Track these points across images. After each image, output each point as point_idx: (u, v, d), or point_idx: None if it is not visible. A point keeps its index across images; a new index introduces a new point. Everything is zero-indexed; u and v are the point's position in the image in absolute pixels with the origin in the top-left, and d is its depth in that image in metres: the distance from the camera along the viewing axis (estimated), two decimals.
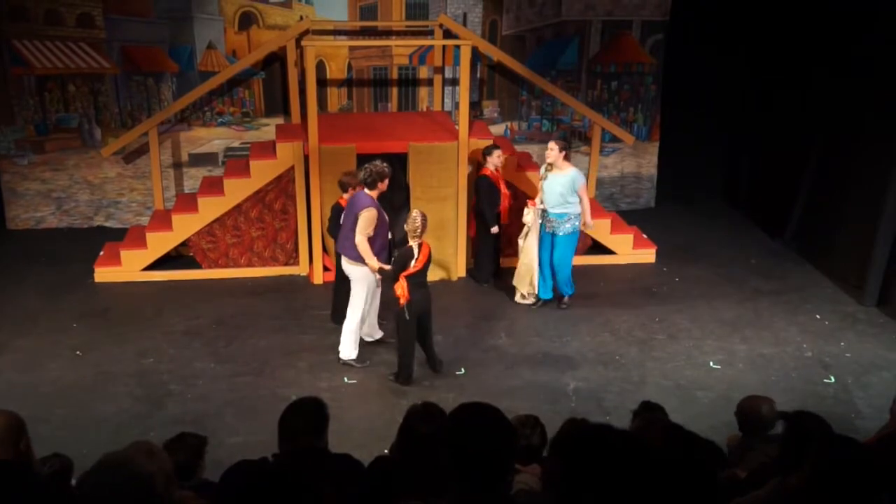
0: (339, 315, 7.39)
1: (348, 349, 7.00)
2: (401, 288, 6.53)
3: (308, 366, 7.06)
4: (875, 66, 8.14)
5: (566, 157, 7.69)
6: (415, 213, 6.56)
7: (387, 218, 6.99)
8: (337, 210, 7.41)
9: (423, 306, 6.60)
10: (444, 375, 6.95)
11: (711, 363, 7.22)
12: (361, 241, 6.64)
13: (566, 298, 8.10)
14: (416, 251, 6.47)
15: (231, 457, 3.57)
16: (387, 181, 6.99)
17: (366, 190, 6.93)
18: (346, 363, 7.01)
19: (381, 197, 7.08)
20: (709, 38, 9.98)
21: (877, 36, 8.12)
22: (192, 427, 6.03)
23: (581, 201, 7.72)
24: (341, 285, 7.29)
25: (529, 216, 7.85)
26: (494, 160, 8.15)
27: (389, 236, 7.09)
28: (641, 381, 6.94)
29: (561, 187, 7.65)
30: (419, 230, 6.45)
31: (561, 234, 7.83)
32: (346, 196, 7.39)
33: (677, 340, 7.60)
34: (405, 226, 6.55)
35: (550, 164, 7.70)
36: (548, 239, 7.93)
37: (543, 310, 8.09)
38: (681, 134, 10.24)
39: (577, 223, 7.83)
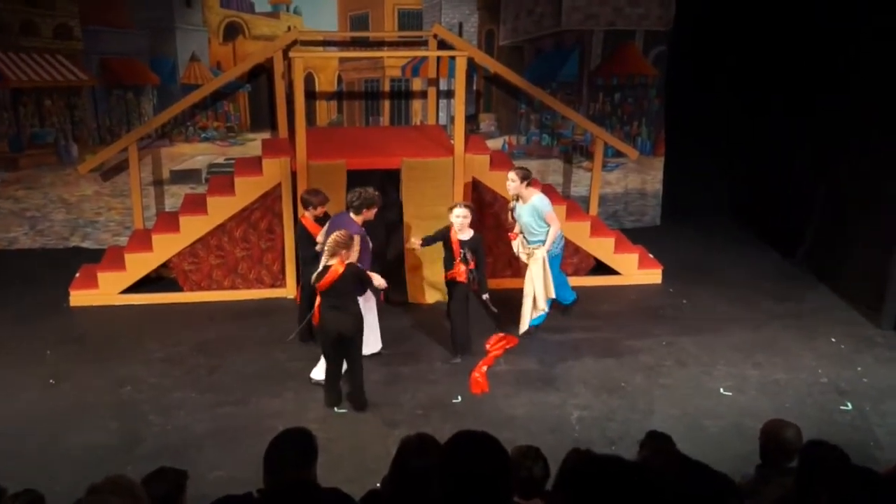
0: (302, 334, 7.56)
1: (320, 369, 7.05)
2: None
3: (295, 395, 7.04)
4: (892, 77, 8.19)
5: (529, 185, 7.63)
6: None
7: (370, 244, 7.05)
8: (303, 230, 7.45)
9: (334, 328, 6.51)
10: (439, 404, 6.95)
11: (722, 390, 7.22)
12: None
13: (531, 327, 7.90)
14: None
15: (214, 492, 3.56)
16: (374, 211, 7.07)
17: (351, 214, 6.93)
18: (317, 383, 7.04)
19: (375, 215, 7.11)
20: (714, 48, 10.05)
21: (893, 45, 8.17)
22: (173, 461, 5.98)
23: (551, 230, 7.61)
24: (307, 305, 7.37)
25: (521, 255, 7.81)
26: (451, 218, 7.40)
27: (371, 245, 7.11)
28: (648, 410, 6.93)
29: (528, 216, 7.63)
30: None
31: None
32: (308, 214, 7.44)
33: (685, 366, 7.60)
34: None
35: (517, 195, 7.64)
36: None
37: (544, 334, 8.07)
38: (687, 148, 10.28)
39: (557, 244, 7.79)
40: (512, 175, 7.61)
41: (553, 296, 7.81)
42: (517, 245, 7.86)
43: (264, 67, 9.37)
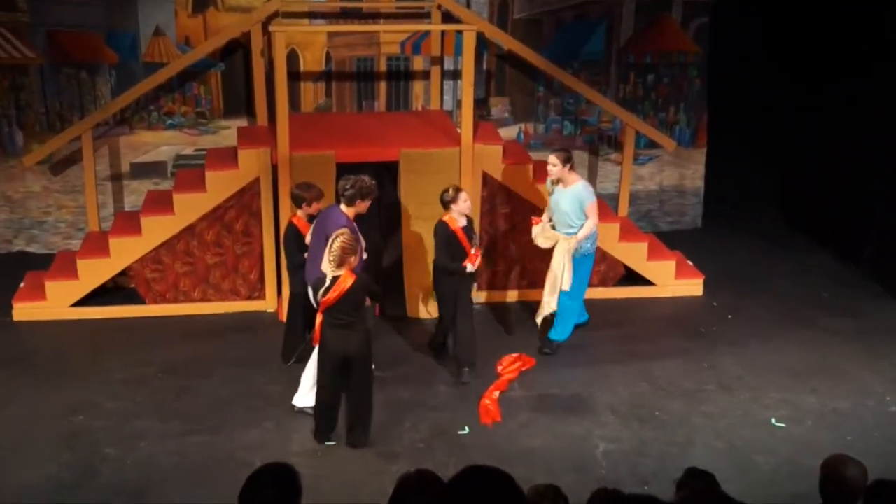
0: (289, 352, 7.63)
1: (304, 395, 7.07)
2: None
3: (276, 424, 7.02)
4: None
5: (572, 169, 7.81)
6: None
7: (363, 243, 7.04)
8: (293, 231, 7.47)
9: (340, 349, 6.50)
10: (443, 435, 6.92)
11: (773, 420, 7.21)
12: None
13: (554, 344, 8.06)
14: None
15: None
16: (368, 203, 7.08)
17: (342, 206, 6.93)
18: (301, 411, 7.06)
19: (368, 214, 7.09)
20: (765, 20, 10.03)
21: None
22: (133, 499, 6.01)
23: (586, 223, 7.77)
24: (294, 321, 7.46)
25: (539, 238, 7.91)
26: (461, 206, 7.59)
27: (365, 255, 7.10)
28: (687, 443, 6.91)
29: (567, 205, 7.76)
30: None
31: (573, 256, 7.90)
32: (300, 213, 7.45)
33: (731, 392, 7.59)
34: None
35: (559, 179, 7.84)
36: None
37: (566, 353, 8.08)
38: (733, 137, 10.25)
39: (591, 244, 7.91)
40: (553, 158, 7.77)
41: (567, 288, 7.81)
42: (538, 230, 7.88)
43: (240, 43, 9.38)
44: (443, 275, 7.58)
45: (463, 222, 7.59)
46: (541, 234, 7.90)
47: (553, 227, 7.90)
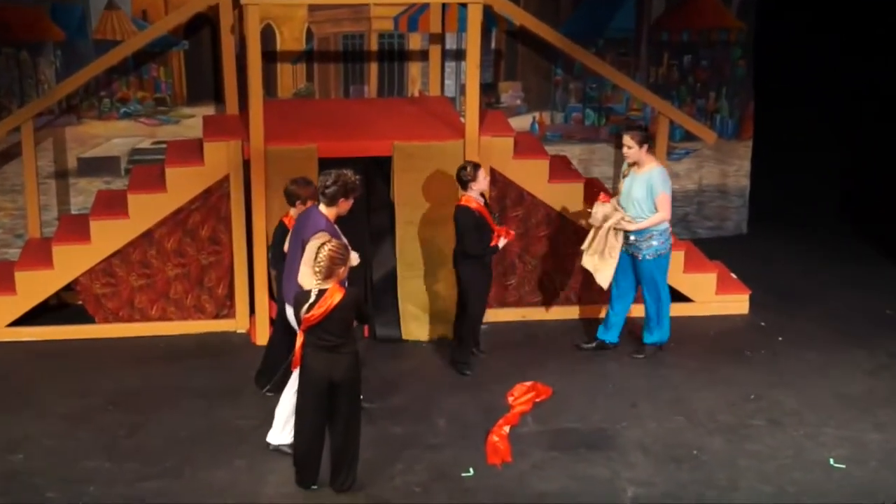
0: (267, 377, 7.63)
1: (280, 431, 7.06)
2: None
3: (248, 464, 7.00)
4: None
5: (650, 150, 8.13)
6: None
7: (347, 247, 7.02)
8: (282, 233, 7.48)
9: (325, 375, 6.49)
10: (443, 478, 6.89)
11: (832, 461, 7.18)
12: (307, 276, 6.60)
13: (648, 347, 8.43)
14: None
15: None
16: (351, 201, 7.06)
17: (321, 206, 6.97)
18: (276, 449, 7.06)
19: (353, 218, 7.10)
20: None
21: None
22: None
23: (654, 215, 8.05)
24: (282, 338, 7.38)
25: (599, 213, 8.10)
26: (481, 184, 8.04)
27: (357, 260, 6.99)
28: (731, 486, 6.88)
29: (639, 191, 8.03)
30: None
31: (643, 256, 8.14)
32: (293, 213, 7.47)
33: (782, 428, 7.58)
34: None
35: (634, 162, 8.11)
36: (626, 262, 8.24)
37: (587, 380, 8.12)
38: (783, 129, 10.30)
39: (663, 241, 8.14)
40: (627, 138, 8.08)
41: (605, 285, 8.18)
42: (602, 210, 8.07)
43: (207, 18, 9.43)
44: (475, 266, 7.94)
45: (481, 200, 7.97)
46: (602, 213, 8.09)
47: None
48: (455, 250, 8.11)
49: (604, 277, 8.23)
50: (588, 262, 8.28)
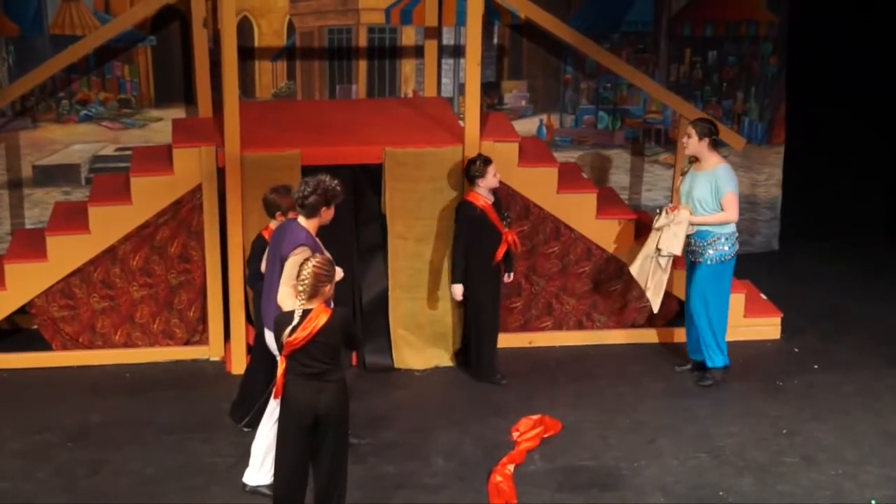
0: (243, 410, 7.61)
1: (257, 470, 7.03)
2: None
3: None
4: None
5: (713, 147, 8.16)
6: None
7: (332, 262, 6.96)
8: (260, 247, 7.46)
9: (310, 407, 6.38)
10: None
11: (873, 503, 7.07)
12: (287, 297, 6.56)
13: (714, 372, 8.42)
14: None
15: None
16: (332, 211, 6.97)
17: (300, 219, 6.88)
18: (254, 490, 7.01)
19: (339, 233, 7.01)
20: None
21: None
22: None
23: (719, 213, 8.16)
24: (261, 366, 7.35)
25: (661, 219, 8.18)
26: (489, 181, 8.13)
27: (341, 274, 6.93)
28: None
29: (701, 191, 8.13)
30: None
31: (702, 261, 8.21)
32: (273, 225, 7.42)
33: (818, 466, 7.51)
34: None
35: (695, 157, 8.24)
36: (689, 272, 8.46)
37: (601, 413, 8.07)
38: (818, 134, 10.32)
39: (728, 247, 8.18)
40: (690, 128, 8.21)
41: (659, 298, 8.32)
42: (666, 220, 8.13)
43: (177, 11, 9.44)
44: (485, 276, 8.13)
45: (490, 199, 8.12)
46: (664, 220, 8.16)
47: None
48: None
49: (654, 304, 8.44)
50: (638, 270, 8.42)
